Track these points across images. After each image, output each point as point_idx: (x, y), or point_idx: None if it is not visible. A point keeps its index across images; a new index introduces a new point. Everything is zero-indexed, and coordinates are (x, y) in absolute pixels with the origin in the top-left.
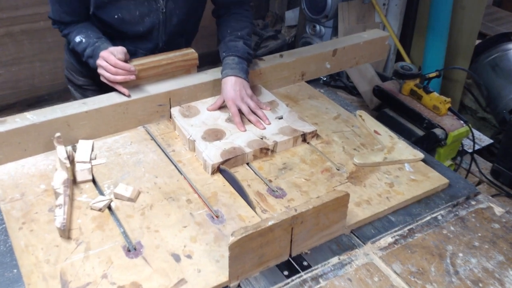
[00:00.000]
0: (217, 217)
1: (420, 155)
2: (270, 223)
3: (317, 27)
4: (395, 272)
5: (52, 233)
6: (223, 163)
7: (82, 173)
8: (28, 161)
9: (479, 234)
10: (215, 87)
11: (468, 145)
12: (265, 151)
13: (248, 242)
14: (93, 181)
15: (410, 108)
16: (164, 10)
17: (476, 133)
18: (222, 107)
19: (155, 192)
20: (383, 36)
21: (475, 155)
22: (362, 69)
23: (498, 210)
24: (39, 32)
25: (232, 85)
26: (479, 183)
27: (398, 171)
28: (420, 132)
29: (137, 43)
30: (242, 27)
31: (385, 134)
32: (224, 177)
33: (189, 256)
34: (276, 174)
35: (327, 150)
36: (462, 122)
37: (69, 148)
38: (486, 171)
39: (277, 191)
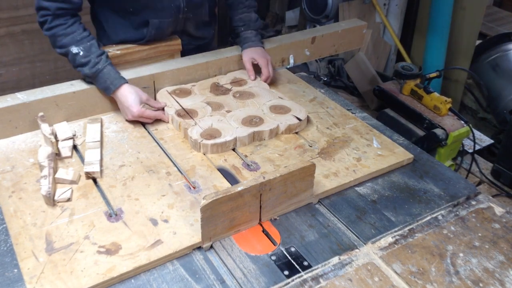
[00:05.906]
0: (194, 187)
1: None
2: (239, 188)
3: (318, 27)
4: (395, 272)
5: (39, 200)
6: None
7: (63, 150)
8: (18, 138)
9: (480, 234)
10: (198, 71)
11: (468, 145)
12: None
13: (219, 206)
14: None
15: (410, 108)
16: None
17: (477, 133)
18: None
19: (137, 165)
20: (361, 25)
21: (476, 155)
22: (362, 69)
23: (498, 210)
24: (39, 32)
25: (264, 52)
26: (479, 183)
27: (367, 147)
28: (420, 132)
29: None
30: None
31: None
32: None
33: (165, 221)
34: (252, 150)
35: (302, 129)
36: (462, 122)
37: (57, 126)
38: (487, 171)
39: (251, 165)
